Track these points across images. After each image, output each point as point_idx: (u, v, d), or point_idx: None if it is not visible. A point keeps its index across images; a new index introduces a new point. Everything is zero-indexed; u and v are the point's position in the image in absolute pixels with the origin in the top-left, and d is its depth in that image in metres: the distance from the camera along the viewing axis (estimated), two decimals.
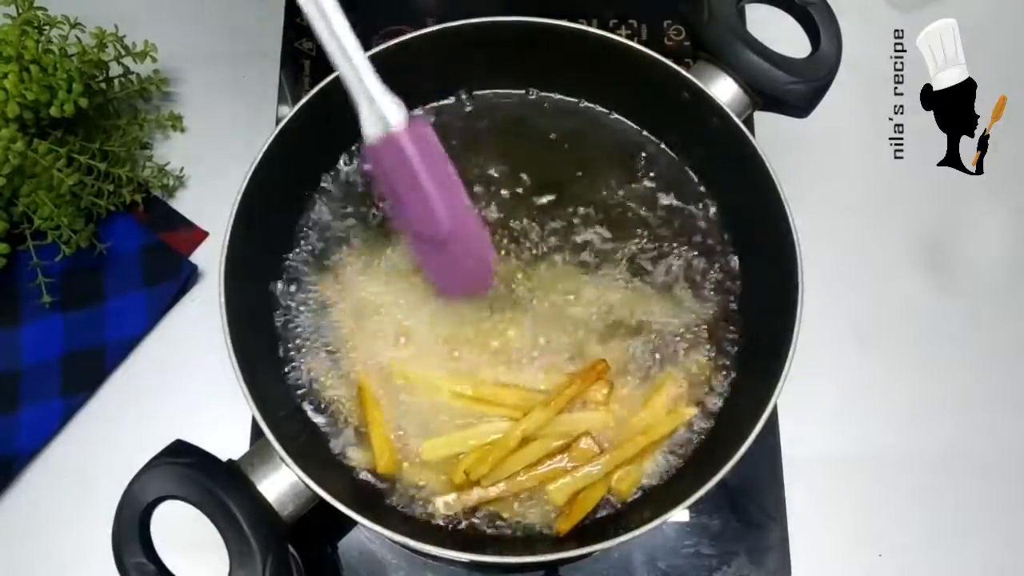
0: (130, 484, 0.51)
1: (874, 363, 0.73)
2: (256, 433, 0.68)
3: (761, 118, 0.72)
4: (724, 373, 0.63)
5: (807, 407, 0.70)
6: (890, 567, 0.68)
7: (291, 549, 0.53)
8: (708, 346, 0.64)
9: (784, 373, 0.55)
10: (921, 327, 0.75)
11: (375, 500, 0.59)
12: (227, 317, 0.56)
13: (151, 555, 0.50)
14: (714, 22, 0.63)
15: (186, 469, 0.51)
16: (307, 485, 0.52)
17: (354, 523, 0.65)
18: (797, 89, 0.63)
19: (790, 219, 0.59)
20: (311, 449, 0.60)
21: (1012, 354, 0.74)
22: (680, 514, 0.67)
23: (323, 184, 0.68)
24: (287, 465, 0.52)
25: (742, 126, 0.62)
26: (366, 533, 0.66)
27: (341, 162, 0.69)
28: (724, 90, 0.63)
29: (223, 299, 0.56)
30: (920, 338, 0.74)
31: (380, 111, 0.51)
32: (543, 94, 0.71)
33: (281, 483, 0.53)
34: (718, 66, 0.64)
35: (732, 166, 0.63)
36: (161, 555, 0.51)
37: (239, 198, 0.59)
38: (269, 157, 0.60)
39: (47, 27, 0.70)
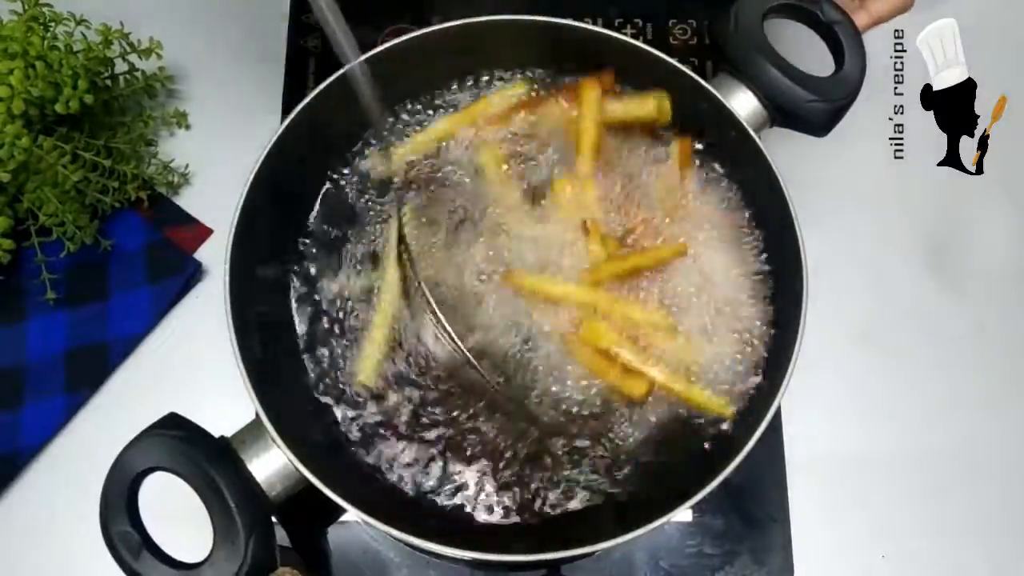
0: (120, 454, 0.51)
1: (877, 363, 0.73)
2: None
3: None
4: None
5: (810, 407, 0.70)
6: (893, 568, 0.68)
7: (283, 547, 0.53)
8: None
9: (788, 373, 0.55)
10: (923, 327, 0.75)
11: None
12: (232, 314, 0.56)
13: (137, 525, 0.50)
14: (739, 34, 0.63)
15: (177, 442, 0.52)
16: (297, 468, 0.52)
17: (356, 524, 0.66)
18: (816, 107, 0.62)
19: (795, 222, 0.59)
20: (313, 438, 0.60)
21: (1014, 353, 0.74)
22: (683, 514, 0.66)
23: (329, 181, 0.68)
24: (277, 446, 0.52)
25: (760, 143, 0.61)
26: (370, 532, 0.66)
27: (347, 159, 0.69)
28: (743, 104, 0.63)
29: (228, 296, 0.56)
30: (922, 338, 0.74)
31: None
32: None
33: (272, 463, 0.53)
34: (739, 79, 0.63)
35: (741, 174, 0.64)
36: (148, 526, 0.51)
37: (244, 195, 0.59)
38: (274, 154, 0.60)
39: (53, 24, 0.70)
